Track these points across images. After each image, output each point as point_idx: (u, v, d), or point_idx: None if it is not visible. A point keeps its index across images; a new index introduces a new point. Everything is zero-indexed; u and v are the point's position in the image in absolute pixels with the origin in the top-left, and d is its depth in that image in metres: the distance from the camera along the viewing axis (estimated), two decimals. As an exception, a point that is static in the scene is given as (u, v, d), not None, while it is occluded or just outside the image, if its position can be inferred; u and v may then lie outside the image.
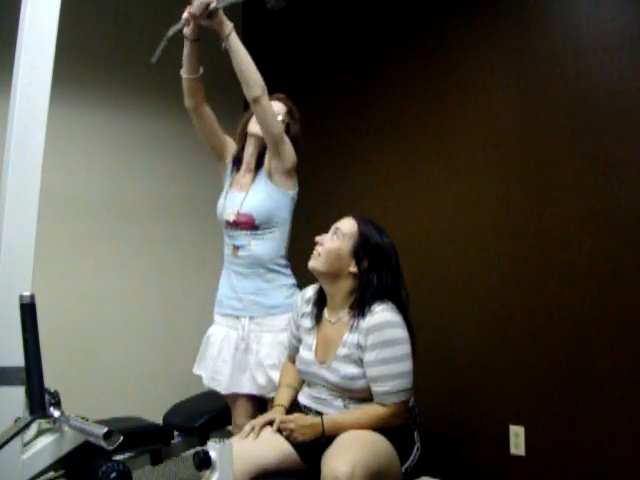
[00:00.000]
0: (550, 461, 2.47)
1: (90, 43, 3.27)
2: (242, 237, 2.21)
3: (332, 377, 1.94)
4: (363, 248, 1.96)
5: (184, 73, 2.26)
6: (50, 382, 1.36)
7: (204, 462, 1.65)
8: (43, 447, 1.45)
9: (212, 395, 2.69)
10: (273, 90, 2.20)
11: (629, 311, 2.30)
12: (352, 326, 1.91)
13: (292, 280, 2.25)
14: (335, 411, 1.93)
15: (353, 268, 1.95)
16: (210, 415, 2.50)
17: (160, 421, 2.63)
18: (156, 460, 2.51)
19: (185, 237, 3.60)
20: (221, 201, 2.32)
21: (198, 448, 1.72)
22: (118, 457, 1.92)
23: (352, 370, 1.90)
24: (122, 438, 1.45)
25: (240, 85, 2.19)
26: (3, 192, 1.46)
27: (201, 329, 3.71)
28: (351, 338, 1.92)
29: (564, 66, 2.50)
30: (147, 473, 2.77)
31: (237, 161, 2.34)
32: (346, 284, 1.96)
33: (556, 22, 2.54)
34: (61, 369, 1.91)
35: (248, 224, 2.18)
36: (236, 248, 2.23)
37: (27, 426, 1.24)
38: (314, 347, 2.02)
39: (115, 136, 3.38)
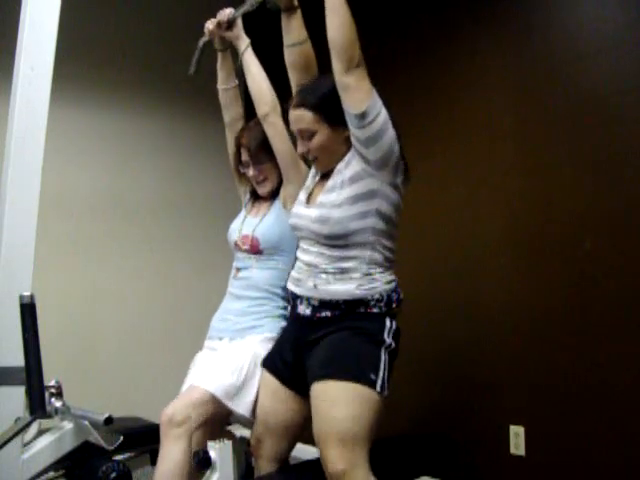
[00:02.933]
0: (550, 461, 2.47)
1: (90, 43, 3.26)
2: (246, 260, 2.17)
3: (314, 212, 1.82)
4: (332, 112, 1.78)
5: (218, 84, 2.26)
6: (50, 380, 1.36)
7: (204, 462, 1.65)
8: (43, 447, 1.45)
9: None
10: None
11: (629, 311, 2.30)
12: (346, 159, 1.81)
13: (283, 311, 2.08)
14: (309, 285, 1.83)
15: (344, 134, 1.80)
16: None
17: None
18: (156, 460, 2.51)
19: (186, 237, 3.60)
20: (235, 225, 2.29)
21: (198, 448, 1.72)
22: (118, 457, 1.93)
23: (334, 197, 1.78)
24: (122, 438, 1.45)
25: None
26: (3, 192, 1.46)
27: (202, 329, 3.71)
28: (346, 159, 1.81)
29: (564, 66, 2.49)
30: (147, 473, 2.77)
31: (255, 192, 2.29)
32: (345, 148, 1.83)
33: (556, 22, 2.54)
34: (61, 369, 1.91)
35: (253, 248, 2.13)
36: (238, 270, 2.20)
37: (27, 426, 1.25)
38: (308, 193, 1.93)
39: (115, 136, 3.38)
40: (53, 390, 1.35)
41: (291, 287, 1.93)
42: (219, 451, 1.65)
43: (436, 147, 2.89)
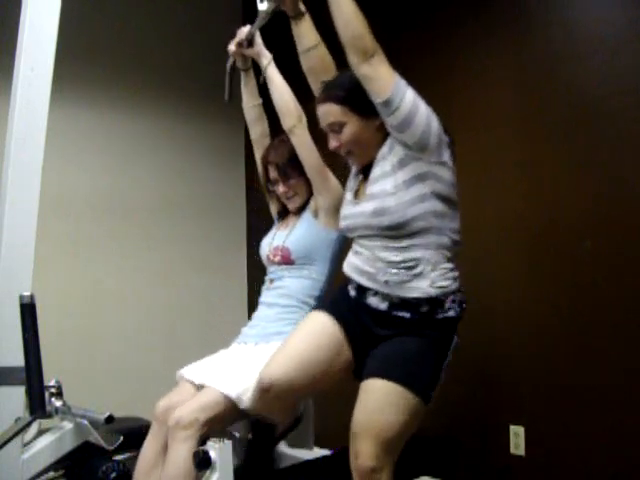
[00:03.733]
0: (550, 461, 2.47)
1: (90, 44, 3.26)
2: (278, 272, 2.17)
3: (368, 206, 1.76)
4: (359, 102, 1.77)
5: (244, 103, 2.29)
6: (50, 380, 1.36)
7: (204, 462, 1.65)
8: (43, 447, 1.45)
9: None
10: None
11: (630, 311, 2.30)
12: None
13: None
14: (379, 279, 1.76)
15: (376, 123, 1.77)
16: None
17: (160, 421, 2.63)
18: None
19: (186, 237, 3.60)
20: (266, 240, 2.30)
21: (198, 448, 1.72)
22: (118, 457, 1.93)
23: (386, 185, 1.73)
24: (122, 438, 1.46)
25: (240, 100, 2.19)
26: (3, 192, 1.46)
27: (202, 329, 3.72)
28: (386, 148, 1.78)
29: (565, 66, 2.49)
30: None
31: (283, 211, 2.31)
32: (380, 136, 1.80)
33: (556, 22, 2.54)
34: (61, 369, 1.91)
35: (285, 258, 2.13)
36: (271, 281, 2.20)
37: (27, 426, 1.25)
38: (354, 191, 1.89)
39: (116, 136, 3.38)
40: (53, 390, 1.35)
41: (357, 277, 1.83)
42: (219, 451, 1.65)
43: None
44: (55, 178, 2.94)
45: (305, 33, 1.98)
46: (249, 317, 2.33)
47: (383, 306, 1.79)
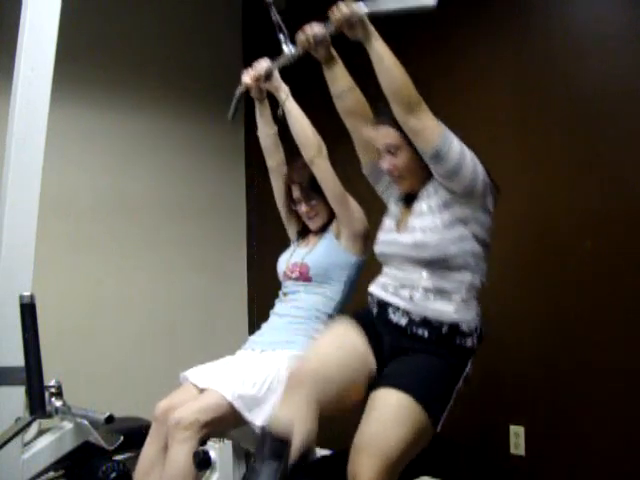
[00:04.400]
0: (550, 461, 2.47)
1: (90, 44, 3.26)
2: (294, 287, 2.19)
3: (409, 238, 1.79)
4: None
5: (259, 132, 2.30)
6: (50, 380, 1.36)
7: (204, 462, 1.66)
8: (43, 447, 1.45)
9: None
10: (270, 91, 2.19)
11: (630, 312, 2.29)
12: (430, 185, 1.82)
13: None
14: (404, 296, 1.78)
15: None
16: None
17: (160, 421, 2.63)
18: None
19: (186, 237, 3.59)
20: (283, 257, 2.31)
21: (198, 448, 1.72)
22: (118, 457, 1.93)
23: (429, 222, 1.77)
24: (122, 438, 1.46)
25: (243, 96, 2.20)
26: (3, 192, 1.46)
27: (201, 328, 3.72)
28: (431, 188, 1.82)
29: (564, 66, 2.49)
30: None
31: (304, 230, 2.32)
32: (429, 171, 1.82)
33: (556, 22, 2.53)
34: (61, 369, 1.91)
35: (303, 275, 2.15)
36: (286, 294, 2.23)
37: (27, 426, 1.25)
38: (396, 219, 1.90)
39: (116, 136, 3.37)
40: (53, 390, 1.35)
41: (381, 293, 1.86)
42: (219, 451, 1.66)
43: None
44: (55, 178, 2.94)
45: (338, 77, 2.00)
46: (249, 317, 2.34)
47: (403, 321, 1.80)
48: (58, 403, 1.35)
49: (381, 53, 1.80)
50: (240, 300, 3.79)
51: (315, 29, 1.94)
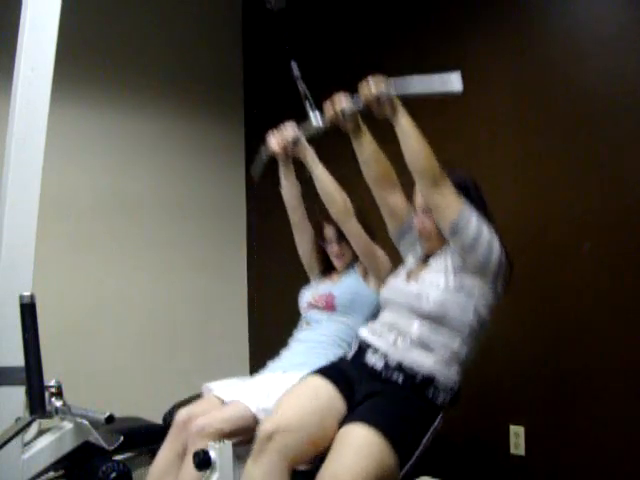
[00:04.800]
0: (550, 461, 2.47)
1: (91, 44, 3.27)
2: (318, 315, 2.26)
3: (414, 288, 1.86)
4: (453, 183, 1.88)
5: (282, 190, 2.37)
6: (50, 380, 1.36)
7: (204, 462, 1.65)
8: (43, 447, 1.45)
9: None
10: (270, 91, 2.20)
11: (630, 312, 2.30)
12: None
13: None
14: (389, 340, 1.84)
15: None
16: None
17: (160, 421, 2.63)
18: (156, 460, 2.51)
19: (186, 237, 3.60)
20: (307, 291, 2.38)
21: (198, 448, 1.72)
22: (118, 457, 1.93)
23: (438, 279, 1.84)
24: (122, 438, 1.45)
25: (240, 100, 2.20)
26: (3, 192, 1.46)
27: (201, 328, 3.72)
28: (449, 250, 1.88)
29: (564, 67, 2.49)
30: (147, 473, 2.77)
31: (327, 269, 2.41)
32: None
33: (557, 22, 2.54)
34: (61, 369, 1.91)
35: (328, 304, 2.23)
36: (308, 322, 2.29)
37: (27, 426, 1.25)
38: (409, 270, 1.99)
39: (116, 136, 3.38)
40: (53, 390, 1.35)
41: (366, 335, 1.92)
42: (219, 451, 1.65)
43: (435, 146, 2.89)
44: (55, 178, 2.94)
45: (364, 146, 2.04)
46: (249, 317, 2.37)
47: (379, 365, 1.84)
48: (58, 403, 1.35)
49: (407, 130, 1.85)
50: (240, 300, 3.79)
51: (344, 104, 1.98)
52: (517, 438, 2.54)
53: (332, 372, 1.89)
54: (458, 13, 2.84)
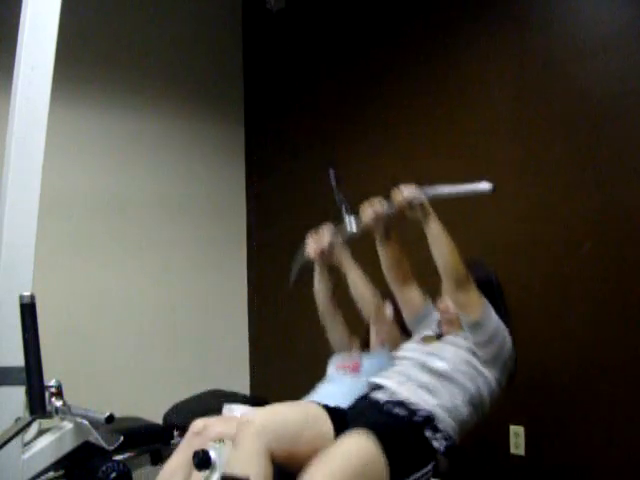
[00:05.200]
0: (550, 461, 2.47)
1: (91, 43, 3.27)
2: (342, 374, 2.34)
3: (428, 348, 2.02)
4: (476, 279, 2.04)
5: (316, 292, 2.43)
6: (50, 380, 1.36)
7: (204, 462, 1.65)
8: (43, 447, 1.45)
9: (212, 395, 2.70)
10: (270, 91, 2.19)
11: (630, 312, 2.30)
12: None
13: None
14: (397, 381, 1.96)
15: None
16: (210, 415, 2.50)
17: (160, 421, 2.63)
18: (156, 460, 2.51)
19: (186, 237, 3.60)
20: (341, 355, 2.45)
21: (198, 448, 1.72)
22: (118, 457, 1.93)
23: (453, 349, 1.98)
24: (122, 438, 1.45)
25: (240, 100, 2.21)
26: (3, 192, 1.46)
27: (201, 328, 3.72)
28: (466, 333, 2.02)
29: (565, 66, 2.49)
30: (147, 473, 2.77)
31: (366, 344, 2.49)
32: None
33: (557, 22, 2.54)
34: (61, 369, 1.91)
35: (355, 367, 2.33)
36: (330, 380, 2.36)
37: (27, 426, 1.24)
38: (426, 337, 2.12)
39: (116, 136, 3.38)
40: (53, 390, 1.35)
41: (375, 379, 2.03)
42: (219, 451, 1.65)
43: (434, 146, 2.89)
44: (55, 178, 2.94)
45: (391, 252, 2.17)
46: (249, 317, 2.38)
47: (383, 398, 1.92)
48: (58, 403, 1.35)
49: (436, 233, 1.97)
50: (240, 300, 3.79)
51: (378, 208, 2.10)
52: (517, 438, 2.54)
53: (331, 408, 1.94)
54: (458, 13, 2.84)
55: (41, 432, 1.51)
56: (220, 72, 3.79)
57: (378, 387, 1.98)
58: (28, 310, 1.19)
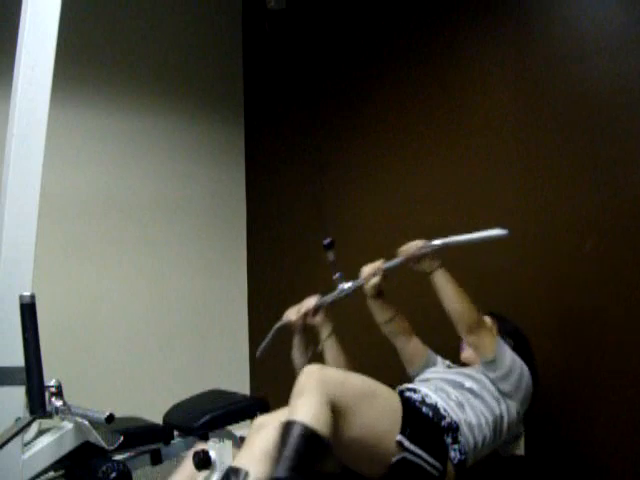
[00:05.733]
0: (550, 461, 2.47)
1: (91, 43, 3.26)
2: None
3: (457, 369, 2.12)
4: (505, 331, 2.16)
5: (295, 356, 2.39)
6: (50, 380, 1.36)
7: (204, 462, 1.65)
8: (43, 447, 1.45)
9: (212, 395, 2.70)
10: (270, 91, 2.20)
11: (630, 312, 2.29)
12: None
13: None
14: (430, 388, 2.01)
15: None
16: (210, 415, 2.49)
17: (160, 421, 2.63)
18: (156, 460, 2.50)
19: (186, 237, 3.59)
20: None
21: (198, 448, 1.72)
22: (118, 457, 1.93)
23: (472, 381, 2.04)
24: (122, 438, 1.45)
25: (240, 100, 2.20)
26: (3, 192, 1.46)
27: (201, 329, 3.72)
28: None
29: (565, 66, 2.49)
30: (147, 473, 2.76)
31: None
32: None
33: (557, 22, 2.53)
34: (61, 369, 1.91)
35: None
36: None
37: (27, 426, 1.24)
38: (447, 365, 2.24)
39: (116, 136, 3.37)
40: (53, 390, 1.35)
41: (408, 385, 2.08)
42: (219, 451, 1.65)
43: (434, 146, 2.89)
44: (55, 178, 2.94)
45: (383, 308, 2.21)
46: (249, 317, 2.36)
47: (416, 398, 1.96)
48: (58, 403, 1.35)
49: (444, 284, 2.02)
50: (240, 300, 3.79)
51: (377, 265, 2.13)
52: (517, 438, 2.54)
53: (410, 402, 1.97)
54: (458, 14, 2.84)
55: (41, 432, 1.51)
56: (220, 72, 3.79)
57: (410, 390, 2.02)
58: (28, 310, 1.19)
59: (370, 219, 3.15)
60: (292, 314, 2.31)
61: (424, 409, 1.91)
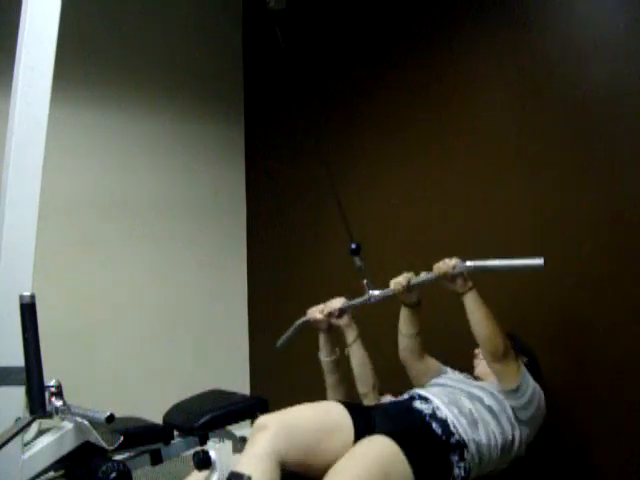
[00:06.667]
0: (550, 461, 2.47)
1: (92, 43, 3.27)
2: None
3: (477, 382, 2.11)
4: (518, 349, 2.12)
5: (321, 356, 2.40)
6: (50, 380, 1.36)
7: (204, 462, 1.65)
8: (43, 447, 1.45)
9: (212, 395, 2.69)
10: (270, 91, 2.20)
11: (630, 312, 2.30)
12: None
13: None
14: (443, 400, 1.99)
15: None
16: (210, 415, 2.49)
17: (160, 421, 2.63)
18: (156, 460, 2.50)
19: (186, 237, 3.60)
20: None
21: (198, 448, 1.72)
22: (118, 457, 1.92)
23: (486, 400, 2.03)
24: (122, 438, 1.45)
25: (240, 100, 2.20)
26: (3, 192, 1.46)
27: (201, 328, 3.72)
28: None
29: (564, 68, 2.49)
30: (147, 473, 2.76)
31: None
32: None
33: (556, 23, 2.53)
34: (61, 369, 1.91)
35: None
36: None
37: (27, 426, 1.24)
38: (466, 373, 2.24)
39: (117, 136, 3.38)
40: (53, 390, 1.35)
41: (420, 390, 2.07)
42: (219, 451, 1.65)
43: (434, 146, 2.89)
44: (55, 178, 2.94)
45: (414, 320, 2.22)
46: (249, 317, 2.36)
47: (427, 411, 1.93)
48: (58, 403, 1.35)
49: (475, 307, 2.00)
50: (240, 300, 3.80)
51: (407, 276, 2.14)
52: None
53: (354, 408, 1.94)
54: (458, 17, 2.84)
55: (41, 432, 1.51)
56: (220, 72, 3.80)
57: (422, 398, 2.00)
58: (28, 310, 1.19)
59: (370, 219, 3.15)
60: (316, 312, 2.31)
61: (434, 424, 1.89)
